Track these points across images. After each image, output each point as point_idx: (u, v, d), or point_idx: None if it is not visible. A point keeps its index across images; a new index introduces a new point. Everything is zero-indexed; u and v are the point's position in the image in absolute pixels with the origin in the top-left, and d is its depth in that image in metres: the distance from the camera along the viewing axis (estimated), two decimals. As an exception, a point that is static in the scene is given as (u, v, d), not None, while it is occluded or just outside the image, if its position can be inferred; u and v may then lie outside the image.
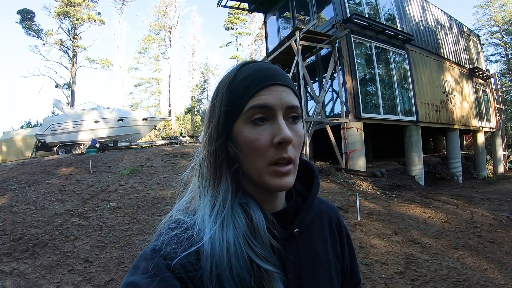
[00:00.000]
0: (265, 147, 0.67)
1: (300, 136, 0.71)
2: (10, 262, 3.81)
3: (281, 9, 13.75)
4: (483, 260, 4.02)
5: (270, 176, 0.68)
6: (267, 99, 0.67)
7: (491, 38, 35.43)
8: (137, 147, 14.07)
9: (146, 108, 34.36)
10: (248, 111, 0.67)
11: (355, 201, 5.31)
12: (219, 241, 0.64)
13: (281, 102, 0.68)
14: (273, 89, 0.69)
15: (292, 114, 0.70)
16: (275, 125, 0.67)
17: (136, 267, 0.62)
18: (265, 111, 0.67)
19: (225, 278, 0.61)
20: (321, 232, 0.84)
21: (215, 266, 0.62)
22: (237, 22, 37.14)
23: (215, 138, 0.70)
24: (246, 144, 0.68)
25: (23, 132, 16.33)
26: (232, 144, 0.70)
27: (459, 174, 13.76)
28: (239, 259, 0.62)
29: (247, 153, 0.68)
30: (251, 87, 0.68)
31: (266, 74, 0.70)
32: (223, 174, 0.70)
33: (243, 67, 0.73)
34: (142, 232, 4.50)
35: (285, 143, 0.66)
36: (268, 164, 0.67)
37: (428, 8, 14.20)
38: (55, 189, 6.25)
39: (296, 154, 0.70)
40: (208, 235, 0.65)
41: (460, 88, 15.08)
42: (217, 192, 0.69)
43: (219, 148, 0.70)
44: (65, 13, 24.64)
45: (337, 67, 10.03)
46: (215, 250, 0.63)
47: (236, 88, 0.70)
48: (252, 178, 0.70)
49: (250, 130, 0.68)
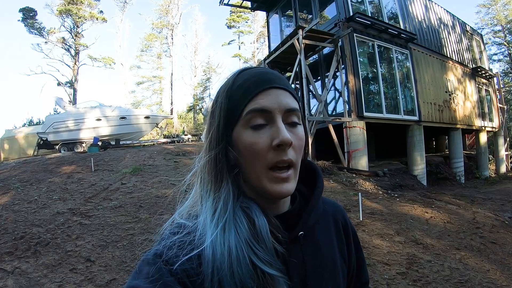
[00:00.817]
0: (264, 151, 0.66)
1: (300, 139, 0.71)
2: (12, 261, 3.82)
3: (284, 8, 13.71)
4: (485, 261, 4.01)
5: (269, 181, 0.67)
6: (265, 102, 0.67)
7: (494, 37, 35.34)
8: (139, 146, 14.13)
9: (148, 106, 34.45)
10: (247, 115, 0.68)
11: (357, 200, 5.30)
12: (220, 245, 0.63)
13: (280, 105, 0.68)
14: (271, 92, 0.69)
15: (292, 117, 0.70)
16: (274, 128, 0.67)
17: (139, 271, 0.62)
18: (264, 114, 0.67)
19: (226, 284, 0.61)
20: (327, 233, 0.83)
21: (216, 272, 0.61)
22: (240, 21, 37.06)
23: (216, 143, 0.71)
24: (245, 148, 0.68)
25: (25, 130, 16.36)
26: (232, 149, 0.70)
27: (461, 174, 13.73)
28: (241, 265, 0.62)
29: (247, 158, 0.68)
30: (249, 92, 0.69)
31: (263, 78, 0.70)
32: (224, 178, 0.70)
33: (242, 73, 0.74)
34: (144, 231, 4.50)
35: (284, 146, 0.66)
36: (267, 168, 0.67)
37: (431, 7, 14.14)
38: (57, 187, 6.26)
39: (296, 157, 0.69)
40: (209, 239, 0.65)
41: (463, 88, 15.03)
42: (218, 197, 0.69)
43: (219, 154, 0.70)
44: (67, 11, 24.64)
45: (340, 66, 10.01)
46: (216, 255, 0.63)
47: (235, 93, 0.70)
48: (252, 184, 0.70)
49: (249, 134, 0.67)
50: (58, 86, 26.19)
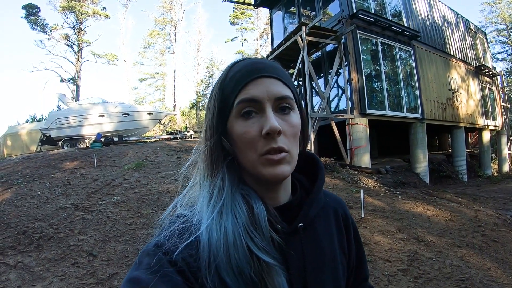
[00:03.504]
0: (255, 139, 0.68)
1: (293, 126, 0.71)
2: (15, 255, 3.84)
3: (287, 4, 13.66)
4: (486, 259, 4.00)
5: (263, 165, 0.68)
6: (254, 92, 0.68)
7: (498, 35, 35.11)
8: (142, 142, 14.12)
9: (151, 102, 34.50)
10: (237, 105, 0.69)
11: (359, 197, 5.30)
12: (216, 230, 0.64)
13: (269, 94, 0.69)
14: (260, 81, 0.69)
15: (282, 104, 0.71)
16: (263, 117, 0.68)
17: (139, 263, 0.63)
18: (253, 104, 0.68)
19: (223, 269, 0.61)
20: (327, 226, 0.83)
21: (213, 257, 0.62)
22: (243, 17, 36.97)
23: (210, 134, 0.72)
24: (238, 138, 0.69)
25: (28, 126, 16.44)
26: (228, 140, 0.71)
27: (464, 172, 13.68)
28: (238, 250, 0.63)
29: (240, 147, 0.69)
30: (239, 82, 0.70)
31: (253, 68, 0.71)
32: (220, 167, 0.71)
33: (234, 65, 0.75)
34: (146, 226, 4.52)
35: (273, 134, 0.66)
36: (259, 155, 0.68)
37: (435, 4, 14.07)
38: (60, 183, 6.29)
39: (289, 144, 0.70)
40: (204, 225, 0.66)
41: (466, 86, 14.96)
42: (214, 184, 0.70)
43: (214, 144, 0.71)
44: (70, 8, 24.66)
45: (343, 63, 9.97)
46: (212, 240, 0.64)
47: (227, 85, 0.72)
48: (249, 171, 0.71)
49: (240, 124, 0.69)
50: (61, 82, 26.30)
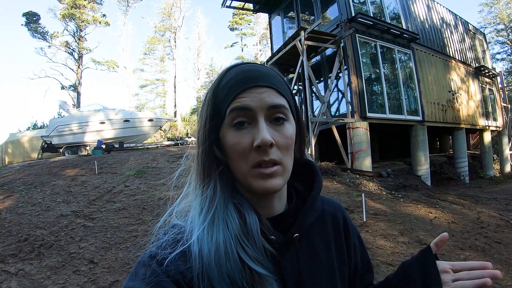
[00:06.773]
0: (246, 151, 0.66)
1: (287, 137, 0.69)
2: (16, 263, 3.83)
3: (286, 9, 13.71)
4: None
5: (254, 178, 0.67)
6: (247, 101, 0.66)
7: (497, 36, 35.26)
8: (143, 148, 14.15)
9: (152, 109, 34.56)
10: (230, 114, 0.67)
11: (361, 201, 5.28)
12: (208, 240, 0.64)
13: (262, 104, 0.67)
14: (253, 91, 0.67)
15: (276, 114, 0.68)
16: (255, 128, 0.66)
17: (135, 274, 0.62)
18: (245, 113, 0.67)
19: (215, 279, 0.61)
20: (324, 234, 0.81)
21: (204, 267, 0.62)
22: (242, 23, 37.16)
23: (202, 142, 0.71)
24: (230, 148, 0.68)
25: (30, 133, 16.50)
26: (220, 149, 0.70)
27: (465, 173, 13.64)
28: (229, 259, 0.62)
29: (232, 157, 0.68)
30: (232, 91, 0.68)
31: (247, 76, 0.69)
32: (212, 175, 0.70)
33: (229, 71, 0.73)
34: (147, 233, 4.50)
35: (264, 147, 0.64)
36: (250, 167, 0.66)
37: (433, 6, 14.11)
38: (61, 190, 6.29)
39: (282, 156, 0.68)
40: (195, 235, 0.65)
41: (466, 87, 14.96)
42: (206, 192, 0.69)
43: (204, 152, 0.70)
44: (70, 15, 24.79)
45: (342, 66, 9.99)
46: (203, 250, 0.63)
47: (220, 92, 0.70)
48: (240, 182, 0.70)
49: (232, 134, 0.67)
50: (62, 89, 26.41)
